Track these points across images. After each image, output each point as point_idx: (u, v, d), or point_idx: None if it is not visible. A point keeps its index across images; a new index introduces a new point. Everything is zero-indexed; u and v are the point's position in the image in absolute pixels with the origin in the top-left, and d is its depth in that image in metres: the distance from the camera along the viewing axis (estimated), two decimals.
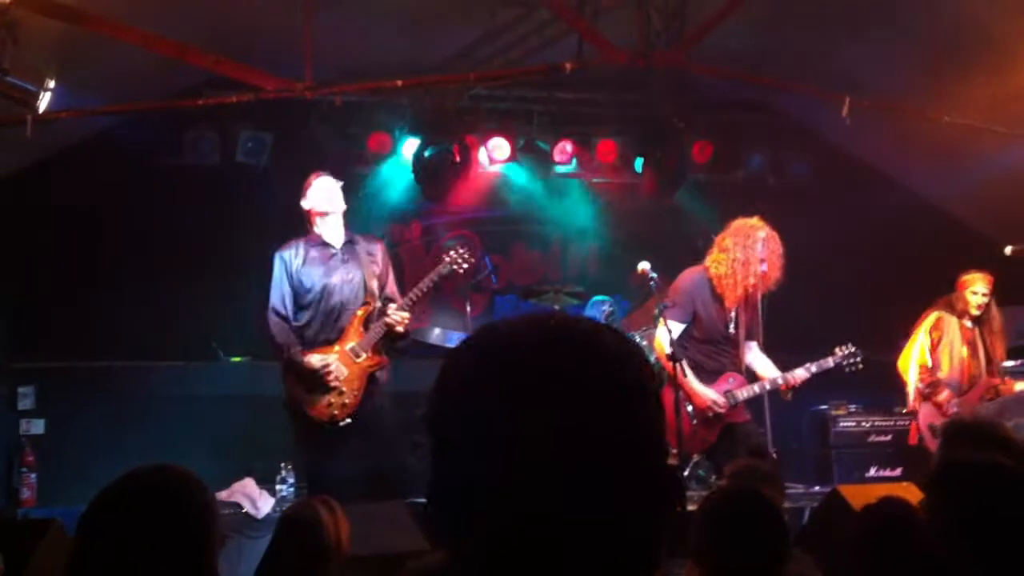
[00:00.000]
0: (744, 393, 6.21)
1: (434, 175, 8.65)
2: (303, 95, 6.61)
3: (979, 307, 6.95)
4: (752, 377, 6.42)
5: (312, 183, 6.09)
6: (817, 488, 6.98)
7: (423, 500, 1.14)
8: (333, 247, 6.08)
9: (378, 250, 6.22)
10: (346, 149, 8.68)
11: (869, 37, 7.45)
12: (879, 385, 7.39)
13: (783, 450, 6.96)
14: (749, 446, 6.16)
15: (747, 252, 6.12)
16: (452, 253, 6.08)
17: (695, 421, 6.15)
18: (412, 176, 8.79)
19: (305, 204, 6.10)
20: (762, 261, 6.10)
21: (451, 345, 6.44)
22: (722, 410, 6.14)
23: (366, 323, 5.98)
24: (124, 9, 6.35)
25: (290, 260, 6.03)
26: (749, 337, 6.48)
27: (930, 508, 2.86)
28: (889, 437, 7.57)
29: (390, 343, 6.06)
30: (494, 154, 9.01)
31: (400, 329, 5.96)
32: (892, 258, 8.55)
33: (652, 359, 7.73)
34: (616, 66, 7.16)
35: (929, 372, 6.95)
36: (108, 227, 8.21)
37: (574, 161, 9.28)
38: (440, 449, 1.13)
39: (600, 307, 8.26)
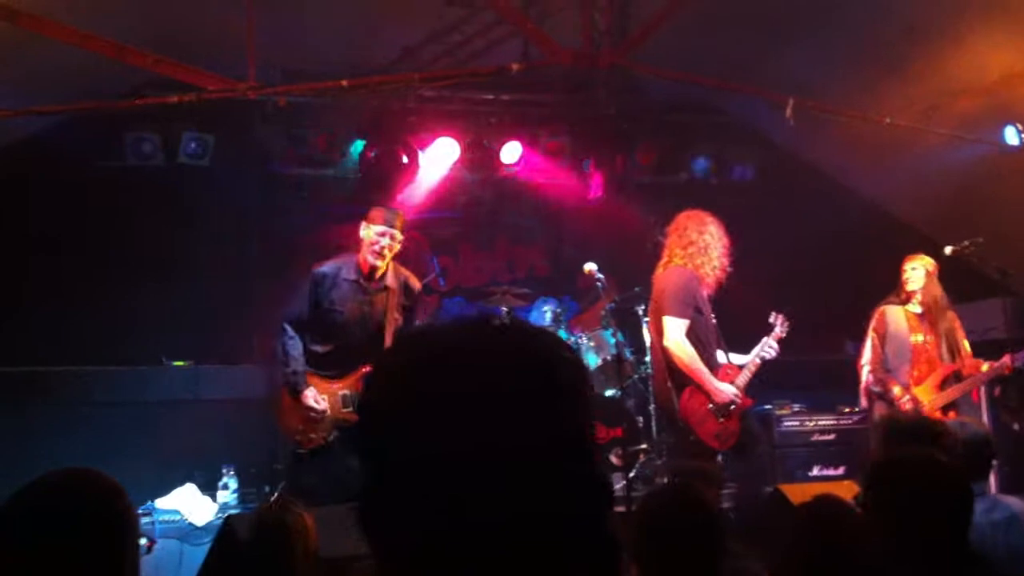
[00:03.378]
0: (742, 380, 6.22)
1: (380, 176, 8.60)
2: (246, 95, 6.52)
3: (911, 282, 6.81)
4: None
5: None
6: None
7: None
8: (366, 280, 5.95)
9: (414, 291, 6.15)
10: (290, 150, 8.60)
11: (813, 40, 7.53)
12: (822, 385, 7.49)
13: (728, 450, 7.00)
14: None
15: (715, 239, 6.18)
16: None
17: (722, 419, 6.10)
18: (358, 177, 8.73)
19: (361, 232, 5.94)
20: (727, 248, 6.20)
21: None
22: (740, 401, 6.13)
23: (368, 380, 5.91)
24: (61, 8, 6.23)
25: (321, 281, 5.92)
26: None
27: (867, 503, 2.90)
28: (832, 436, 7.64)
29: None
30: (441, 155, 8.98)
31: None
32: (835, 258, 8.65)
33: (598, 360, 7.78)
34: (563, 67, 7.17)
35: (876, 371, 6.88)
36: (47, 230, 8.06)
37: (521, 162, 9.28)
38: (374, 453, 1.13)
39: (546, 308, 8.28)
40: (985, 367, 6.65)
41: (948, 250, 6.89)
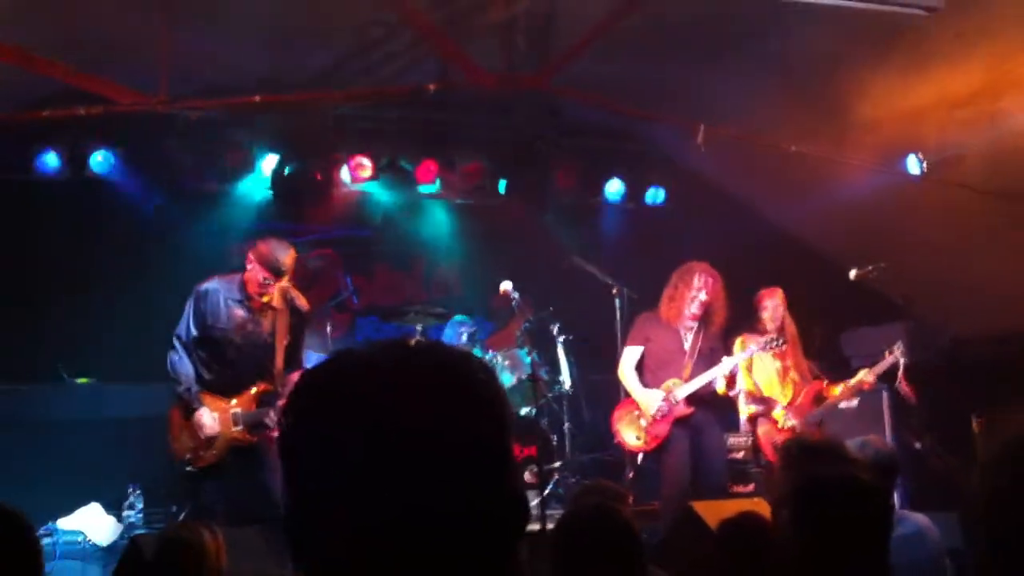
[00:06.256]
0: (683, 391, 6.68)
1: (295, 193, 8.50)
2: (157, 109, 6.41)
3: (774, 320, 7.09)
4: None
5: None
6: None
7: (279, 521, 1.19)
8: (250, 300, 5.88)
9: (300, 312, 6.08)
10: (202, 165, 8.43)
11: (726, 68, 7.69)
12: (731, 404, 7.60)
13: (640, 468, 7.08)
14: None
15: (684, 286, 6.80)
16: None
17: (645, 423, 6.74)
18: (271, 194, 8.62)
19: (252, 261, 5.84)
20: (700, 290, 6.74)
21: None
22: (665, 405, 6.65)
23: (261, 399, 5.85)
24: None
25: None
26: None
27: (787, 523, 2.93)
28: (742, 454, 7.77)
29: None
30: (357, 173, 8.92)
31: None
32: (743, 282, 8.80)
33: (513, 379, 7.82)
34: (482, 88, 7.20)
35: (754, 395, 7.13)
36: None
37: (438, 181, 9.25)
38: (295, 464, 1.15)
39: (460, 327, 8.28)
40: (837, 390, 6.99)
41: (853, 274, 7.14)
